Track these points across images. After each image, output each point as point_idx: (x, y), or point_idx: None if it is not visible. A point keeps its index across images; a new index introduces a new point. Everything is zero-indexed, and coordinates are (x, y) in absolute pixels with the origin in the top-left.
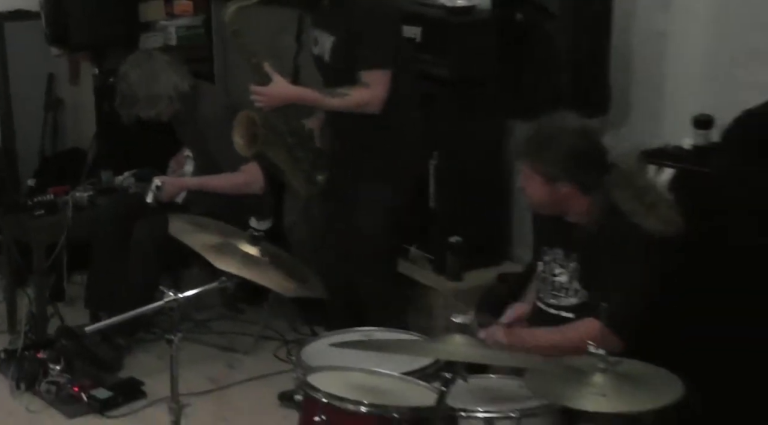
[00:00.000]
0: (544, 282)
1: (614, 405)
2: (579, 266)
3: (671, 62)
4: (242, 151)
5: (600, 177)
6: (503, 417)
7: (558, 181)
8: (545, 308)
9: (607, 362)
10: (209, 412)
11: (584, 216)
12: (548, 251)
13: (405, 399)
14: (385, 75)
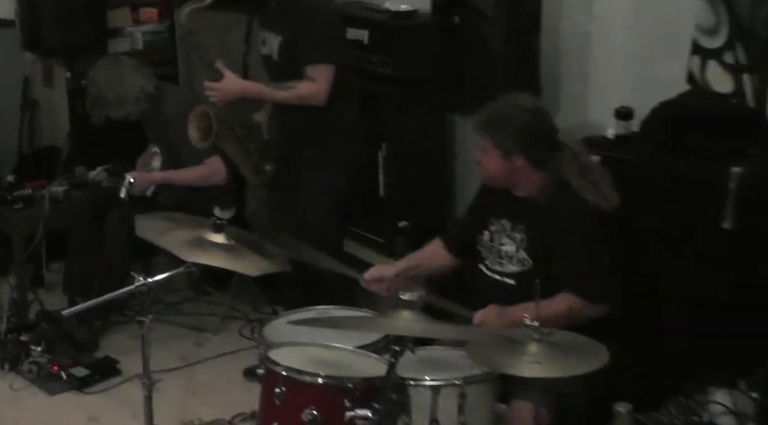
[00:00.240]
0: (490, 250)
1: (548, 371)
2: (526, 237)
3: (595, 60)
4: (197, 143)
5: (552, 154)
6: (448, 384)
7: (513, 155)
8: (489, 274)
9: (541, 333)
10: (179, 387)
11: (535, 190)
12: (495, 221)
13: (358, 371)
14: (329, 69)
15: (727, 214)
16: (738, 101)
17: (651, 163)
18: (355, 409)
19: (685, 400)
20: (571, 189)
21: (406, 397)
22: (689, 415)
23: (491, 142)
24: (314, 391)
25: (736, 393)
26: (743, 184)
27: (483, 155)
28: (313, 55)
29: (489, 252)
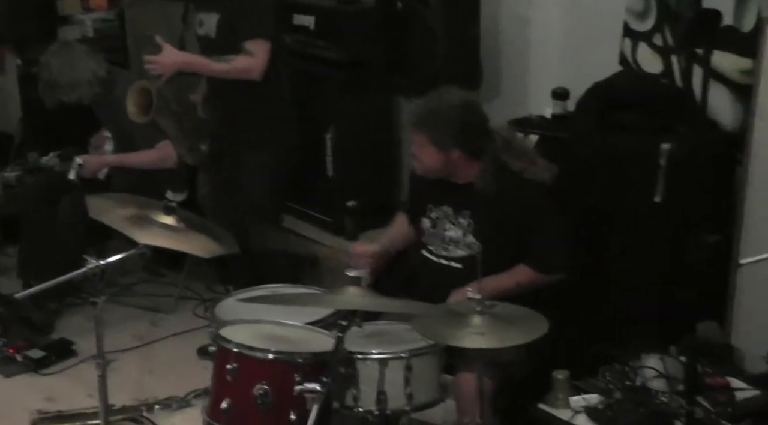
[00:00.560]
0: (434, 237)
1: (490, 341)
2: (473, 221)
3: (533, 44)
4: (135, 118)
5: (485, 143)
6: (395, 357)
7: (449, 149)
8: (435, 259)
9: (483, 305)
10: (135, 366)
11: (474, 178)
12: (434, 208)
13: (308, 346)
14: (265, 44)
15: (658, 188)
16: (666, 81)
17: (585, 140)
18: (304, 383)
19: (620, 366)
20: (513, 172)
21: (354, 370)
22: (623, 380)
23: (426, 138)
24: (265, 367)
25: (667, 358)
26: (672, 159)
27: (419, 150)
28: (250, 30)
29: (433, 239)
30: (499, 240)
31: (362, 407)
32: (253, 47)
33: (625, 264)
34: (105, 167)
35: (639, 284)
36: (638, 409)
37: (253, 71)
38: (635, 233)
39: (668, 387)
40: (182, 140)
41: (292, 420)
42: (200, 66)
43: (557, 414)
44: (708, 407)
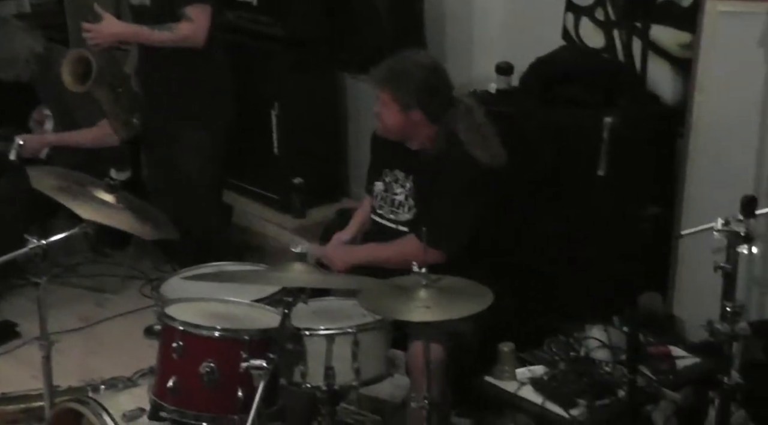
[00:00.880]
0: (384, 200)
1: (436, 314)
2: (413, 185)
3: (477, 19)
4: (71, 87)
5: (447, 109)
6: (342, 332)
7: (411, 109)
8: (385, 223)
9: (429, 279)
10: (80, 347)
11: (428, 143)
12: (389, 172)
13: (254, 323)
14: (206, 9)
15: (601, 162)
16: (608, 56)
17: (529, 115)
18: (251, 360)
19: (564, 338)
20: (460, 143)
21: (301, 347)
22: (568, 351)
23: (391, 95)
24: (211, 344)
25: (611, 328)
26: (614, 133)
27: (382, 108)
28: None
29: (383, 202)
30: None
31: (310, 383)
32: (194, 13)
33: (570, 237)
34: (46, 147)
35: (583, 256)
36: (582, 379)
37: (196, 37)
38: (579, 207)
39: (611, 357)
40: (118, 113)
41: (240, 397)
42: (141, 36)
43: (503, 386)
44: (650, 375)
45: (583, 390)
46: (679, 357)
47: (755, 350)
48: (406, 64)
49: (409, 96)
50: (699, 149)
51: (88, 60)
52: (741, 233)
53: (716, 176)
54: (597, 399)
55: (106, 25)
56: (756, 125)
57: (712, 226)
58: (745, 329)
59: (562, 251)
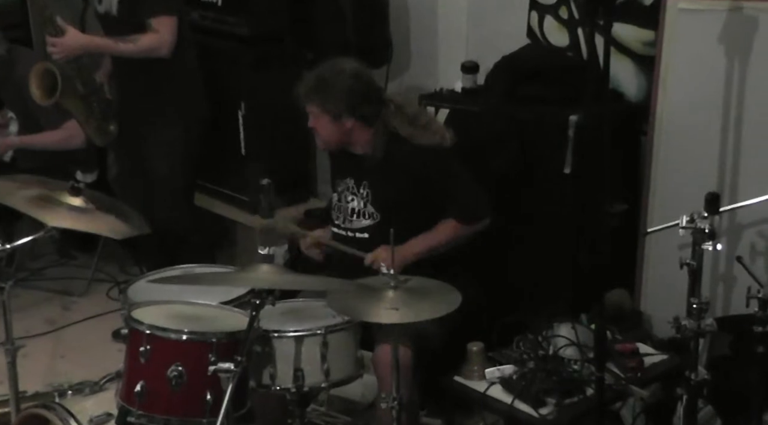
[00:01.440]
0: (340, 210)
1: (405, 316)
2: (370, 191)
3: (442, 17)
4: (39, 101)
5: (378, 110)
6: (310, 334)
7: (342, 117)
8: (343, 233)
9: (397, 280)
10: (47, 352)
11: (368, 146)
12: (340, 182)
13: (221, 325)
14: (172, 20)
15: (567, 159)
16: (573, 54)
17: (495, 113)
18: (218, 363)
19: (533, 336)
20: (403, 139)
21: (270, 348)
22: (536, 349)
23: (319, 108)
24: (178, 347)
25: (578, 326)
26: (579, 130)
27: (315, 122)
28: (155, 6)
29: (339, 212)
30: (397, 208)
31: (279, 385)
32: (159, 24)
33: (537, 236)
34: (10, 149)
35: (551, 254)
36: (551, 377)
37: (161, 49)
38: (546, 205)
39: (580, 355)
40: (90, 121)
41: (208, 400)
42: (105, 47)
43: (472, 385)
44: (618, 372)
45: (551, 388)
46: (646, 354)
47: (721, 345)
48: (329, 73)
49: (337, 104)
50: (663, 146)
51: (54, 73)
52: (705, 230)
53: (681, 173)
54: (566, 398)
55: (70, 38)
56: (718, 121)
57: (677, 223)
58: (711, 325)
59: (529, 250)
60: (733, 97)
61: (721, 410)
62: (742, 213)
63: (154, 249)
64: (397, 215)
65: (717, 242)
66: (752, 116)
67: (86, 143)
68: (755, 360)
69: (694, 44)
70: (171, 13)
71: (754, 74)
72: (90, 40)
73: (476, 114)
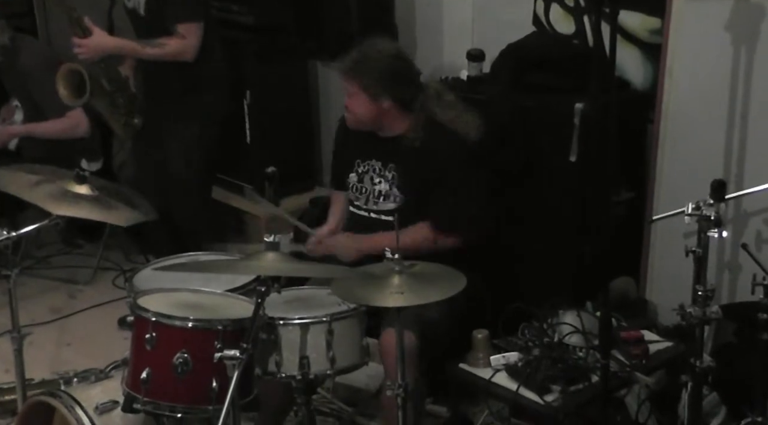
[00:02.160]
0: (360, 191)
1: (410, 299)
2: (397, 174)
3: (447, 5)
4: (69, 102)
5: (417, 94)
6: (316, 321)
7: (381, 98)
8: (364, 214)
9: (402, 265)
10: (53, 339)
11: (405, 131)
12: (361, 163)
13: (227, 313)
14: (197, 26)
15: (573, 147)
16: (579, 41)
17: (501, 101)
18: (224, 350)
19: (538, 324)
20: (441, 125)
21: (276, 336)
22: (542, 337)
23: (358, 86)
24: (184, 334)
25: (584, 314)
26: (585, 118)
27: (351, 100)
28: (181, 12)
29: (359, 194)
30: (421, 193)
31: (285, 372)
32: (185, 30)
33: (543, 224)
34: (14, 138)
35: (556, 242)
36: (556, 365)
37: (186, 54)
38: (552, 193)
39: (585, 343)
40: (116, 116)
41: (214, 387)
42: (131, 50)
43: (478, 372)
44: (623, 360)
45: (557, 375)
46: (651, 342)
47: (726, 333)
48: (371, 53)
49: (377, 85)
50: (669, 134)
51: (81, 73)
52: (711, 217)
53: (687, 160)
54: (571, 385)
55: (96, 40)
56: (725, 108)
57: (683, 211)
58: (716, 312)
59: (536, 238)
60: (740, 86)
61: (725, 397)
62: (747, 201)
63: (164, 238)
64: (420, 200)
65: (723, 230)
66: (759, 104)
67: (91, 131)
68: (760, 348)
69: (701, 32)
70: (197, 19)
71: (761, 62)
72: (116, 43)
73: (482, 103)
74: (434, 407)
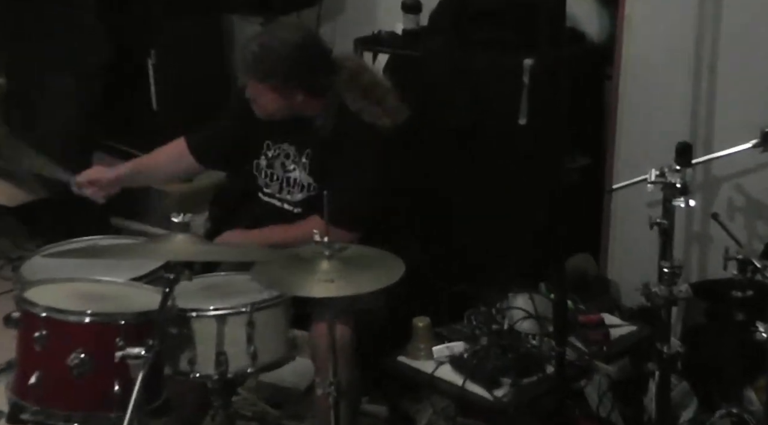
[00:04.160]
0: (272, 178)
1: (342, 289)
2: (309, 161)
3: None
4: None
5: (328, 78)
6: (234, 312)
7: (289, 89)
8: (273, 201)
9: (332, 248)
10: None
11: (318, 115)
12: (272, 146)
13: (131, 305)
14: None
15: (522, 108)
16: None
17: (441, 58)
18: (127, 348)
19: (486, 309)
20: (351, 114)
21: (188, 330)
22: (490, 323)
23: (263, 81)
24: (80, 331)
25: (537, 296)
26: (536, 76)
27: (258, 97)
28: None
29: (270, 180)
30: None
31: (199, 371)
32: None
33: (488, 195)
34: None
35: (504, 215)
36: (506, 354)
37: None
38: (499, 159)
39: (538, 329)
40: None
41: (116, 391)
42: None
43: (419, 366)
44: (581, 347)
45: (507, 366)
46: (613, 326)
47: (697, 314)
48: (272, 42)
49: (285, 79)
50: (629, 91)
51: None
52: (677, 184)
53: (649, 121)
54: (523, 377)
55: None
56: (691, 64)
57: (646, 178)
58: (685, 291)
59: (481, 210)
60: (708, 38)
61: (697, 386)
62: (717, 165)
63: (54, 220)
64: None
65: (690, 198)
66: (727, 57)
67: None
68: (734, 329)
69: None
70: None
71: (730, 11)
72: None
73: (419, 59)
74: (371, 406)
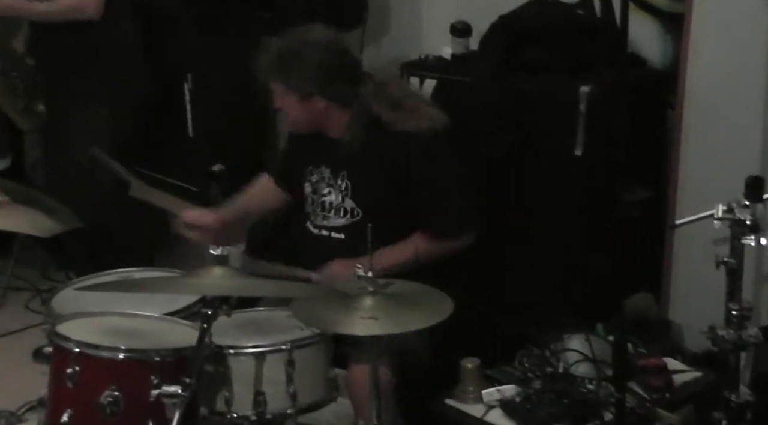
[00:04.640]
0: (313, 204)
1: (385, 327)
2: (350, 183)
3: None
4: None
5: (355, 89)
6: (273, 350)
7: (311, 97)
8: (315, 231)
9: (376, 284)
10: None
11: (344, 131)
12: (314, 171)
13: (166, 341)
14: None
15: (578, 138)
16: (584, 11)
17: (491, 83)
18: (162, 386)
19: (539, 350)
20: (383, 125)
21: (225, 368)
22: (543, 366)
23: (284, 87)
24: (114, 368)
25: (593, 338)
26: (593, 104)
27: (281, 101)
28: None
29: (313, 207)
30: (379, 204)
31: (237, 412)
32: None
33: (542, 231)
34: None
35: (559, 253)
36: (561, 400)
37: (87, 8)
38: (551, 192)
39: (595, 373)
40: (16, 100)
41: None
42: (21, 10)
43: (467, 410)
44: (641, 393)
45: (562, 413)
46: (676, 371)
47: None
48: (296, 46)
49: (305, 83)
50: (694, 120)
51: None
52: (746, 221)
53: (715, 152)
54: (579, 424)
55: None
56: (762, 89)
57: (712, 213)
58: (754, 335)
59: (533, 247)
60: None
61: None
62: None
63: (84, 251)
64: (379, 214)
65: (761, 236)
66: None
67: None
68: None
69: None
70: None
71: None
72: (3, 2)
73: (468, 85)
74: None
